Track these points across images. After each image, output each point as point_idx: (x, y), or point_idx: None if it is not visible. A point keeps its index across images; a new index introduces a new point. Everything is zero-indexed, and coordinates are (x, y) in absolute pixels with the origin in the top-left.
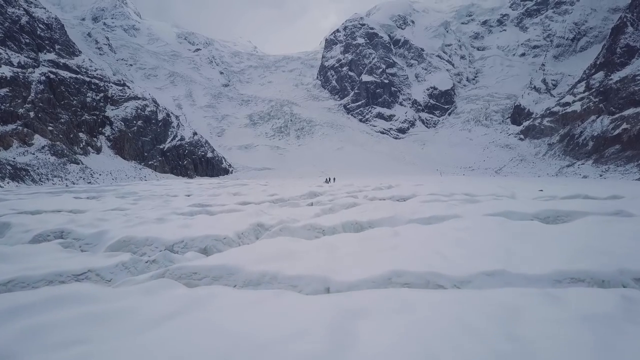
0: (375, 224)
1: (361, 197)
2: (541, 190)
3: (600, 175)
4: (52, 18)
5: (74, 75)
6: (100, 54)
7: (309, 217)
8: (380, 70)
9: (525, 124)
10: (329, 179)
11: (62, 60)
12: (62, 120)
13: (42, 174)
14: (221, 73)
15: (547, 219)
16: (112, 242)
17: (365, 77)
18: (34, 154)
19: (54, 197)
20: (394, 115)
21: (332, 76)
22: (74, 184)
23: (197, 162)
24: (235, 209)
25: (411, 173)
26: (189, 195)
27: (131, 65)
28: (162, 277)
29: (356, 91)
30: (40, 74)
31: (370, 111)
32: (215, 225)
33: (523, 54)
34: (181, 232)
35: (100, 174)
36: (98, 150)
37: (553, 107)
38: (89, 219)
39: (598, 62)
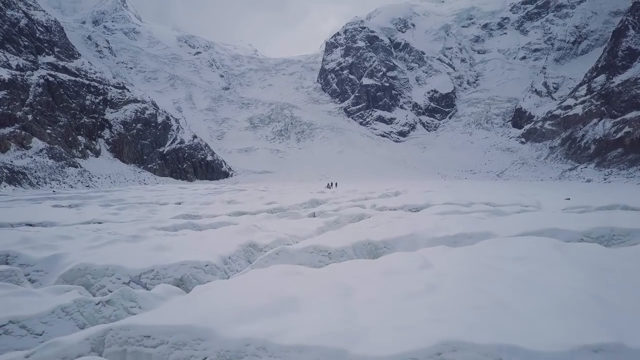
0: (393, 245)
1: (369, 207)
2: (568, 199)
3: (605, 179)
4: (52, 21)
5: (73, 78)
6: (100, 57)
7: (311, 231)
8: (381, 73)
9: (527, 127)
10: (331, 183)
11: (61, 63)
12: (61, 123)
13: (39, 177)
14: (221, 76)
15: (601, 239)
16: (65, 271)
17: (366, 80)
18: (31, 157)
19: (31, 205)
20: (395, 119)
21: (333, 79)
22: (71, 187)
23: (197, 165)
24: (226, 221)
25: (412, 177)
26: (179, 204)
27: (131, 68)
28: (102, 338)
29: (357, 94)
30: (39, 76)
31: (370, 114)
32: (197, 247)
33: (524, 57)
34: (154, 257)
35: (99, 178)
36: (97, 153)
37: (554, 111)
38: (49, 237)
39: (599, 65)
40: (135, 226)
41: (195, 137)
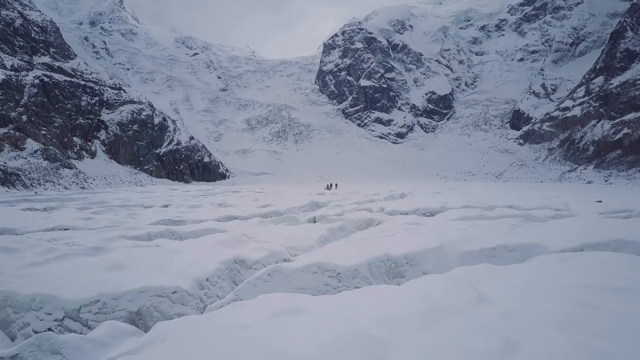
0: (417, 261)
1: (376, 210)
2: (600, 202)
3: (606, 181)
4: (47, 21)
5: (68, 79)
6: (97, 58)
7: (312, 241)
8: (379, 74)
9: (525, 128)
10: (330, 185)
11: (57, 64)
12: (56, 124)
13: (33, 178)
14: (219, 77)
15: None
16: None
17: (364, 82)
18: (25, 158)
19: (2, 207)
20: (393, 120)
21: (331, 81)
22: (66, 189)
23: (194, 166)
24: (212, 228)
25: (411, 178)
26: (166, 206)
27: (128, 69)
28: None
29: (354, 96)
30: (34, 77)
31: (368, 116)
32: (167, 265)
33: (521, 59)
34: (106, 280)
35: (94, 179)
36: (92, 154)
37: (553, 112)
38: None
39: (598, 67)
40: (102, 234)
41: (192, 138)
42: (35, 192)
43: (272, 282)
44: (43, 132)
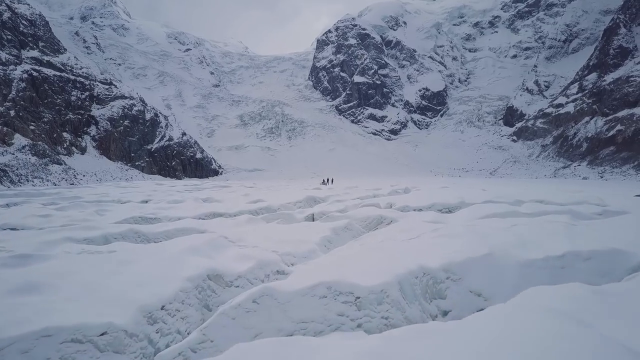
0: (461, 274)
1: (384, 206)
2: (639, 196)
3: (601, 177)
4: (36, 14)
5: (58, 73)
6: (88, 53)
7: (312, 245)
8: (372, 71)
9: (518, 125)
10: (327, 179)
11: (46, 58)
12: (45, 119)
13: (21, 174)
14: (212, 73)
15: None
16: None
17: (357, 78)
18: (13, 154)
19: None
20: (386, 117)
21: (324, 77)
22: (55, 185)
23: (186, 163)
24: (189, 227)
25: (406, 174)
26: (145, 202)
27: (120, 64)
28: None
29: (348, 92)
30: (22, 71)
31: (362, 112)
32: (105, 284)
33: (515, 56)
34: (3, 312)
35: (84, 175)
36: (83, 150)
37: (546, 109)
38: None
39: (591, 64)
40: (46, 236)
41: (184, 134)
42: (9, 187)
43: (259, 313)
44: (32, 127)
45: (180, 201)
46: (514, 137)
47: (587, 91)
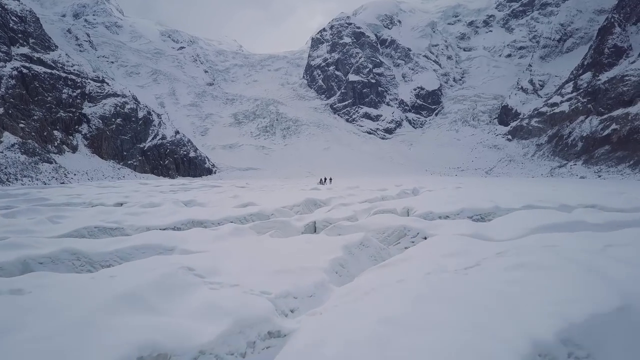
0: (592, 348)
1: (400, 211)
2: None
3: (599, 176)
4: (27, 11)
5: (48, 71)
6: (80, 51)
7: (321, 274)
8: (367, 69)
9: (513, 124)
10: (325, 179)
11: (37, 55)
12: (35, 117)
13: (10, 173)
14: (205, 72)
15: None
16: None
17: (352, 77)
18: (2, 152)
19: None
20: (381, 116)
21: (319, 75)
22: (45, 184)
23: (179, 161)
24: (152, 244)
25: (402, 173)
26: (120, 204)
27: (112, 62)
28: None
29: (343, 91)
30: (12, 68)
31: (357, 111)
32: None
33: (509, 55)
34: None
35: (75, 174)
36: (74, 149)
37: (541, 108)
38: None
39: (585, 63)
40: None
41: (177, 132)
42: None
43: None
44: (21, 125)
45: (157, 205)
46: (509, 136)
47: (581, 90)
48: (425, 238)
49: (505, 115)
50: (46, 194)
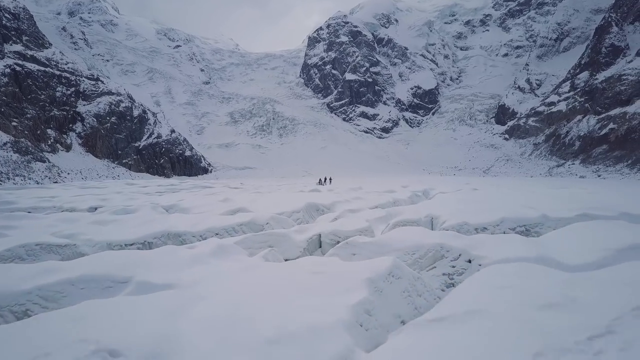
0: None
1: (424, 221)
2: None
3: (599, 176)
4: (20, 8)
5: (42, 68)
6: (75, 49)
7: (338, 338)
8: (364, 68)
9: (510, 123)
10: (324, 179)
11: (30, 52)
12: (28, 115)
13: (1, 172)
14: (202, 70)
15: None
16: None
17: (349, 76)
18: None
19: None
20: (378, 115)
21: (315, 74)
22: (38, 183)
23: (175, 160)
24: (96, 275)
25: (399, 173)
26: (95, 209)
27: (108, 60)
28: None
29: (339, 90)
30: (4, 65)
31: (353, 110)
32: None
33: (506, 54)
34: None
35: (69, 173)
36: (68, 147)
37: (538, 107)
38: None
39: (583, 62)
40: None
41: (173, 131)
42: None
43: None
44: (14, 123)
45: (132, 211)
46: (506, 136)
47: (579, 89)
48: (470, 261)
49: (502, 114)
50: (16, 196)
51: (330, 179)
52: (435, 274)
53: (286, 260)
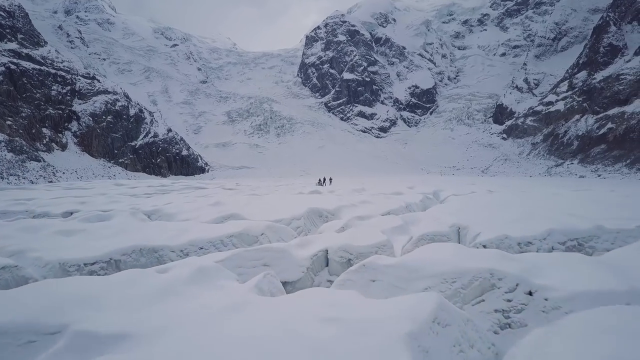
0: None
1: (449, 231)
2: None
3: (599, 176)
4: (15, 5)
5: (37, 67)
6: (72, 48)
7: None
8: (362, 68)
9: (508, 123)
10: (324, 179)
11: (25, 51)
12: (23, 114)
13: None
14: (199, 69)
15: None
16: None
17: (347, 75)
18: None
19: None
20: (376, 114)
21: (313, 73)
22: (32, 183)
23: (172, 160)
24: (15, 325)
25: (398, 172)
26: (70, 214)
27: (104, 59)
28: None
29: (337, 89)
30: None
31: (351, 109)
32: None
33: (503, 54)
34: None
35: (64, 172)
36: (63, 147)
37: (536, 107)
38: None
39: (581, 62)
40: None
41: (170, 130)
42: None
43: None
44: (8, 122)
45: (108, 218)
46: (504, 135)
47: (577, 89)
48: (531, 293)
49: (500, 114)
50: None
51: (330, 180)
52: (485, 310)
53: (284, 282)
